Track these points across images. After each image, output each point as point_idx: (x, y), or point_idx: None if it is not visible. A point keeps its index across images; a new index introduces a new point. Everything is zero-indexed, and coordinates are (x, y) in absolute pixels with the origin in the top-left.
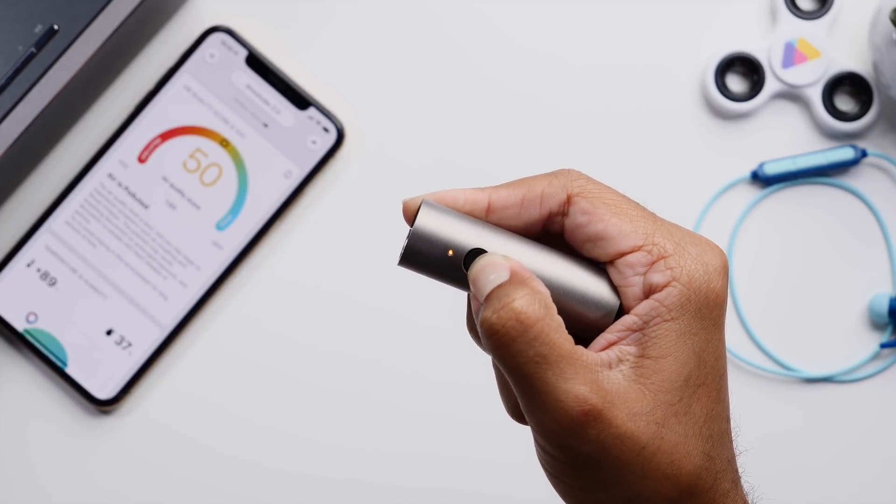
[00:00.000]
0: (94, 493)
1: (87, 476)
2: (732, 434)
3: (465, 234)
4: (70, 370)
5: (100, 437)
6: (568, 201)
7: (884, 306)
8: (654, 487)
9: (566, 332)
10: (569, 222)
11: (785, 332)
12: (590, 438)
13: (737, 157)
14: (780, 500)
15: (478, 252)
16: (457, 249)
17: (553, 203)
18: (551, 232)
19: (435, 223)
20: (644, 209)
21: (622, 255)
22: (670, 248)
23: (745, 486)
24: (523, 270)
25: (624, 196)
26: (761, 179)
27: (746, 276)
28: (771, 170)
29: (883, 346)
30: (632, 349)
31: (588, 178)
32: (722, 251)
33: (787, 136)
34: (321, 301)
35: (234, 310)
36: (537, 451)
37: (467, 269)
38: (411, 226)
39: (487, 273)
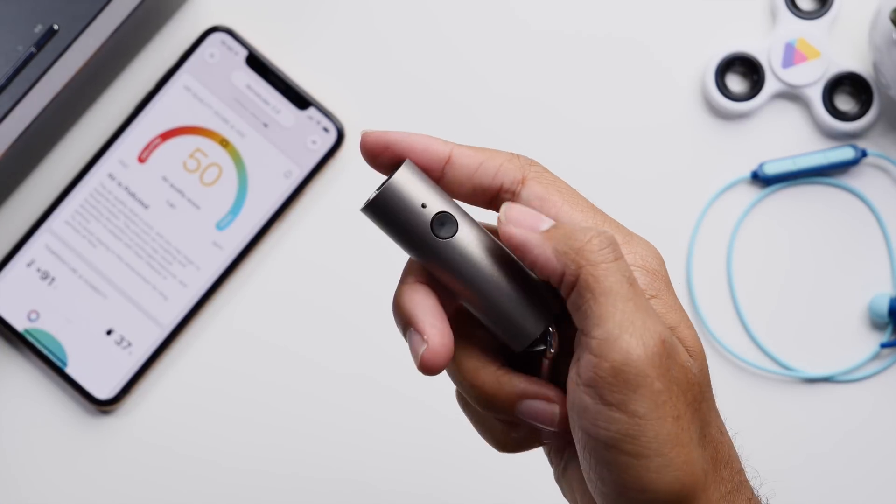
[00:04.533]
0: (94, 494)
1: (88, 476)
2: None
3: (438, 199)
4: (70, 370)
5: (100, 437)
6: (522, 181)
7: (884, 306)
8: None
9: None
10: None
11: (785, 332)
12: (664, 370)
13: (737, 157)
14: (780, 501)
15: (447, 216)
16: (429, 206)
17: (507, 178)
18: (495, 210)
19: (413, 179)
20: (593, 205)
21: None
22: (619, 238)
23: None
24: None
25: (575, 190)
26: (761, 179)
27: (746, 276)
28: (771, 170)
29: (883, 346)
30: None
31: (546, 169)
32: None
33: (787, 136)
34: (321, 301)
35: (234, 310)
36: (581, 418)
37: (434, 232)
38: (369, 161)
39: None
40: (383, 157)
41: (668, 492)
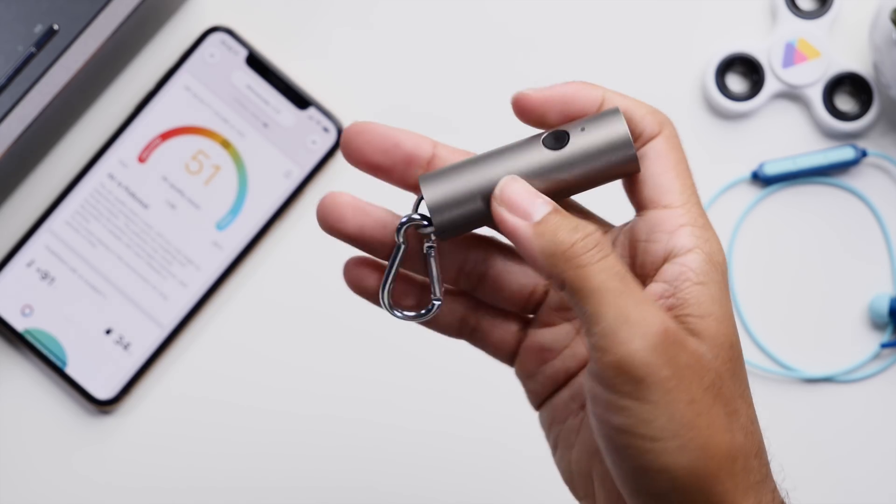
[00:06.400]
0: (95, 494)
1: (88, 476)
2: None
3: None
4: (70, 370)
5: (100, 437)
6: (656, 136)
7: (884, 306)
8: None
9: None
10: None
11: (785, 332)
12: (669, 358)
13: (737, 157)
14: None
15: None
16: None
17: (647, 130)
18: None
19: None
20: (692, 187)
21: (658, 206)
22: (702, 220)
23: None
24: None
25: (686, 168)
26: (761, 179)
27: (746, 276)
28: (771, 170)
29: (883, 346)
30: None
31: (675, 133)
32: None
33: (787, 136)
34: (321, 301)
35: (234, 310)
36: (594, 405)
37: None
38: (529, 118)
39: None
40: (535, 115)
41: (685, 475)
